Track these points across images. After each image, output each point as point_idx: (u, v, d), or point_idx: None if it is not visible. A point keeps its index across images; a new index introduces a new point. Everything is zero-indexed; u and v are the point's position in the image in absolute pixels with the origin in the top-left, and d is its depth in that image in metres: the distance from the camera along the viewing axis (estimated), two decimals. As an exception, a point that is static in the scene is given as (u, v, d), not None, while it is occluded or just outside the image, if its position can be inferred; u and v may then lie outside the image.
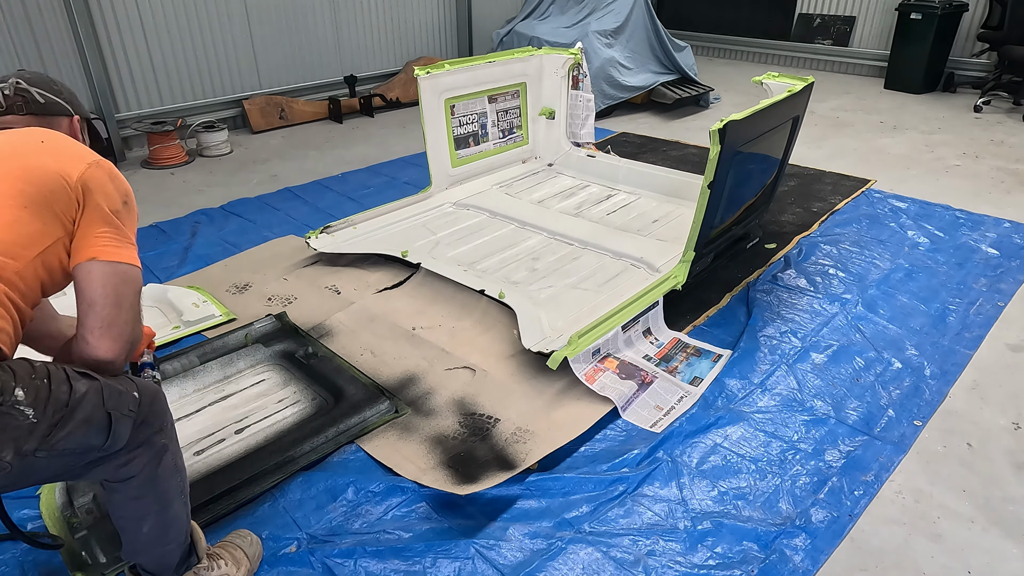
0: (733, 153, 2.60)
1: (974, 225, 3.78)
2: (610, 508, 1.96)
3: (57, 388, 1.24)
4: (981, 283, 3.19)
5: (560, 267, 3.17)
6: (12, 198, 1.32)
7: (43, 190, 1.35)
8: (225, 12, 5.47)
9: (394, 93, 6.39)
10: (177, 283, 3.25)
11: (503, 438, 2.22)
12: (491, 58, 3.93)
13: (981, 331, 2.82)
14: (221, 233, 3.79)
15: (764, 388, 2.47)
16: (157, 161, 4.92)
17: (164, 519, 1.51)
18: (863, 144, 5.24)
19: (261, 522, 1.93)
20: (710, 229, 2.77)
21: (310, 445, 2.17)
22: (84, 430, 1.27)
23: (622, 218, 3.69)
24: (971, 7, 6.58)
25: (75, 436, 1.26)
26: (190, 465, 2.10)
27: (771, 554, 1.82)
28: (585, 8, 6.52)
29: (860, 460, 2.14)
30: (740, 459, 2.15)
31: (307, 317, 2.93)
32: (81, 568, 1.77)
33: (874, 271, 3.28)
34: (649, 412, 2.36)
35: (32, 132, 1.48)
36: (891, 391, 2.46)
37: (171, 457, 1.50)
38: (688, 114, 6.13)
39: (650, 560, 1.80)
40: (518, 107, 4.22)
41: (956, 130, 5.55)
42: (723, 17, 8.48)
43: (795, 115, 3.13)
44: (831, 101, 6.43)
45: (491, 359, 2.62)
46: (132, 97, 5.17)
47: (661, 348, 2.68)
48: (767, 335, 2.76)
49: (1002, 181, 4.45)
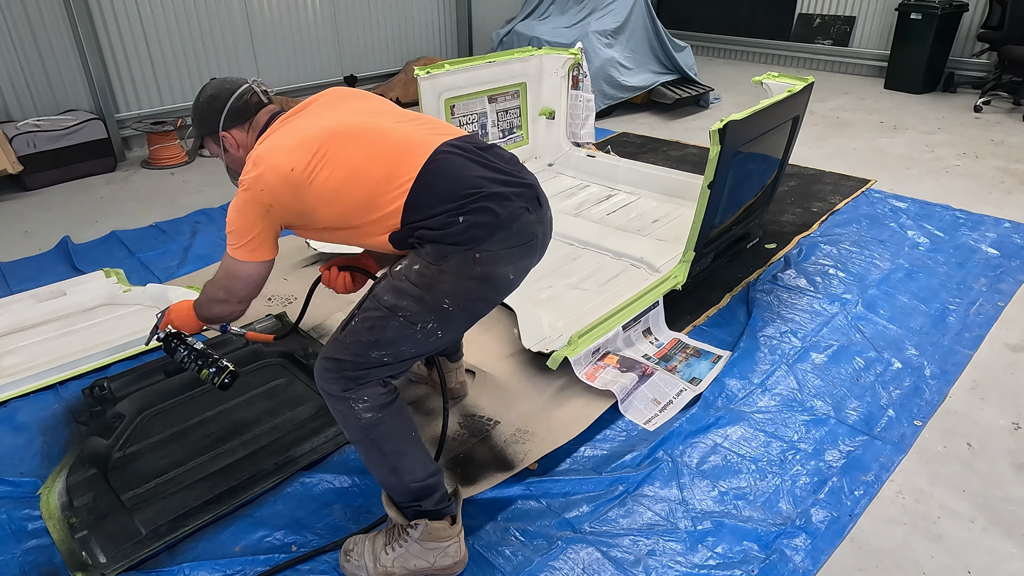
0: (733, 153, 2.60)
1: (974, 225, 3.78)
2: (610, 508, 1.96)
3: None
4: (981, 283, 3.19)
5: (560, 267, 3.17)
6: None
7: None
8: (225, 12, 5.47)
9: (394, 93, 6.39)
10: (177, 283, 3.25)
11: (503, 439, 2.22)
12: (491, 58, 3.93)
13: (981, 331, 2.82)
14: (221, 233, 3.79)
15: (764, 388, 2.47)
16: (157, 161, 4.91)
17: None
18: (863, 144, 5.24)
19: (261, 522, 1.93)
20: (710, 229, 2.77)
21: (310, 445, 2.17)
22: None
23: (622, 218, 3.69)
24: (971, 7, 6.58)
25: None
26: (193, 466, 2.10)
27: (771, 554, 1.82)
28: (585, 8, 6.52)
29: (860, 460, 2.14)
30: (740, 459, 2.15)
31: (307, 317, 2.93)
32: (81, 568, 1.77)
33: (874, 271, 3.28)
34: (646, 406, 2.36)
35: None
36: (891, 391, 2.46)
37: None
38: (688, 114, 6.13)
39: (650, 560, 1.80)
40: (518, 107, 4.22)
41: (956, 130, 5.55)
42: (723, 17, 8.48)
43: (795, 115, 3.13)
44: (831, 101, 6.43)
45: (491, 359, 2.62)
46: (132, 97, 5.17)
47: (661, 348, 2.68)
48: (767, 335, 2.76)
49: (1002, 181, 4.45)
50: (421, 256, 1.55)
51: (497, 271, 1.56)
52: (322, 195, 1.54)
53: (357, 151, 1.55)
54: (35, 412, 2.40)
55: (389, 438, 1.63)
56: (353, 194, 1.55)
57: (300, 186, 1.53)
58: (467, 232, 1.51)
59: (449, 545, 1.71)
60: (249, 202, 1.55)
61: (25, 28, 4.54)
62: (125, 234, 3.78)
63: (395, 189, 1.53)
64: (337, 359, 1.59)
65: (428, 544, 1.70)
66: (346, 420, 1.62)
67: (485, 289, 1.58)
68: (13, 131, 4.33)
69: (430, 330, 1.57)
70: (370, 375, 1.60)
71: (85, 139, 4.62)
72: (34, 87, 4.69)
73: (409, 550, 1.70)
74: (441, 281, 1.53)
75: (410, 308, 1.55)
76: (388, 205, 1.54)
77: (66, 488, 2.01)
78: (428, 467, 1.70)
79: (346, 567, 1.76)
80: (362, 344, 1.57)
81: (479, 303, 1.62)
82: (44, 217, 4.06)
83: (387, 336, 1.56)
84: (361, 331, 1.58)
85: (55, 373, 2.57)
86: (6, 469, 2.14)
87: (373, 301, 1.60)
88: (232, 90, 1.72)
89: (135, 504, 1.95)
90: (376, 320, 1.57)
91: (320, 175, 1.52)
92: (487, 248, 1.53)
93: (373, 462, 1.67)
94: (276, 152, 1.55)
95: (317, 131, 1.57)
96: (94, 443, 2.16)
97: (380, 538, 1.75)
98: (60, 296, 3.08)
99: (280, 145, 1.57)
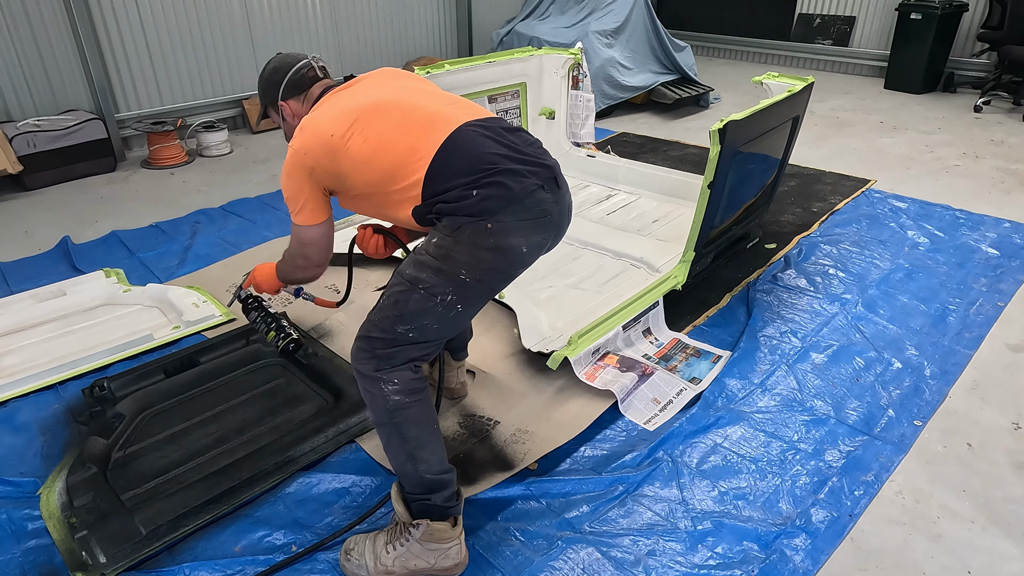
0: (733, 153, 2.60)
1: (974, 225, 3.78)
2: (610, 508, 1.96)
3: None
4: (981, 283, 3.19)
5: (560, 267, 3.17)
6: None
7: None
8: (225, 12, 5.47)
9: (394, 93, 6.38)
10: (177, 283, 3.25)
11: (503, 439, 2.22)
12: (491, 58, 3.93)
13: (981, 331, 2.82)
14: (221, 233, 3.79)
15: (764, 388, 2.47)
16: (157, 161, 4.91)
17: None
18: (863, 144, 5.24)
19: (261, 522, 1.93)
20: (710, 229, 2.77)
21: (310, 445, 2.17)
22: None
23: (622, 218, 3.69)
24: (971, 7, 6.57)
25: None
26: (193, 466, 2.10)
27: (771, 554, 1.82)
28: (585, 8, 6.52)
29: (860, 460, 2.14)
30: (740, 459, 2.15)
31: (307, 317, 2.93)
32: (81, 568, 1.77)
33: (874, 271, 3.28)
34: (646, 406, 2.36)
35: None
36: (891, 391, 2.46)
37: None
38: (688, 114, 6.13)
39: (650, 560, 1.80)
40: (518, 107, 4.22)
41: (956, 130, 5.55)
42: (723, 17, 8.47)
43: (795, 115, 3.13)
44: (831, 101, 6.43)
45: (491, 359, 2.62)
46: (132, 97, 5.17)
47: (661, 348, 2.68)
48: (767, 335, 2.76)
49: (1002, 181, 4.45)
50: (439, 230, 1.64)
51: (510, 242, 1.62)
52: (356, 161, 1.65)
53: (388, 123, 1.66)
54: (35, 412, 2.40)
55: (412, 424, 1.67)
56: (381, 163, 1.65)
57: (337, 151, 1.64)
58: (480, 204, 1.59)
59: (450, 547, 1.72)
60: (295, 166, 1.68)
61: (25, 28, 4.54)
62: (125, 234, 3.78)
63: (417, 161, 1.63)
64: (368, 337, 1.68)
65: (429, 545, 1.70)
66: (374, 401, 1.67)
67: (499, 260, 1.64)
68: (13, 131, 4.33)
69: (450, 303, 1.63)
70: (399, 354, 1.66)
71: (85, 139, 4.62)
72: (34, 87, 4.69)
73: (410, 550, 1.71)
74: (457, 251, 1.60)
75: (430, 279, 1.62)
76: (410, 176, 1.64)
77: (66, 488, 2.01)
78: (444, 463, 1.73)
79: (346, 566, 1.76)
80: (388, 319, 1.65)
81: (494, 275, 1.68)
82: (44, 217, 4.06)
83: (410, 309, 1.63)
84: (387, 307, 1.67)
85: (55, 373, 2.57)
86: (6, 469, 2.14)
87: (397, 277, 1.69)
88: (292, 64, 1.87)
89: (135, 504, 1.95)
90: (399, 294, 1.65)
91: (354, 142, 1.64)
92: (500, 219, 1.60)
93: (393, 447, 1.70)
94: (320, 119, 1.69)
95: (359, 103, 1.71)
96: (94, 443, 2.16)
97: (381, 537, 1.75)
98: (60, 296, 3.08)
99: (324, 114, 1.71)
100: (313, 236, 1.77)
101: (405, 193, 1.67)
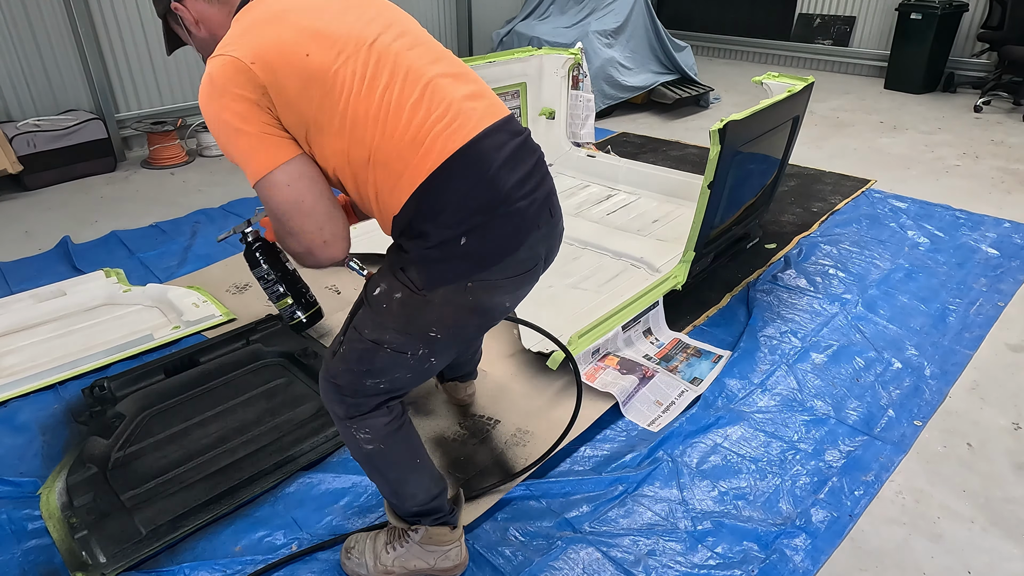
0: (733, 153, 2.60)
1: (974, 225, 3.78)
2: (610, 508, 1.96)
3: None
4: (981, 283, 3.19)
5: (560, 267, 3.17)
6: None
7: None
8: (225, 12, 5.47)
9: (394, 93, 6.38)
10: (177, 283, 3.25)
11: (503, 440, 2.22)
12: (491, 58, 3.93)
13: (981, 331, 2.82)
14: (221, 233, 3.79)
15: (764, 388, 2.47)
16: (157, 161, 4.91)
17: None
18: (863, 144, 5.24)
19: (261, 522, 1.93)
20: (710, 229, 2.77)
21: (310, 445, 2.17)
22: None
23: (622, 218, 3.69)
24: (971, 7, 6.57)
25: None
26: (193, 466, 2.10)
27: (771, 554, 1.82)
28: (585, 8, 6.52)
29: (860, 460, 2.14)
30: (740, 459, 2.15)
31: (307, 317, 2.93)
32: (81, 568, 1.77)
33: (874, 271, 3.28)
34: (648, 408, 2.36)
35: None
36: (891, 391, 2.46)
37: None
38: (688, 114, 6.13)
39: (650, 560, 1.80)
40: (518, 107, 4.22)
41: (956, 130, 5.55)
42: (723, 17, 8.47)
43: (795, 115, 3.13)
44: (831, 101, 6.43)
45: (491, 359, 2.62)
46: (132, 97, 5.17)
47: (661, 348, 2.68)
48: (767, 335, 2.76)
49: (1002, 181, 4.45)
50: (403, 282, 1.34)
51: (492, 301, 1.39)
52: (344, 114, 1.23)
53: (398, 87, 1.25)
54: (35, 412, 2.40)
55: (391, 467, 1.59)
56: (372, 139, 1.24)
57: (315, 81, 1.21)
58: (465, 257, 1.29)
59: (449, 549, 1.71)
60: (232, 77, 1.19)
61: (25, 28, 4.54)
62: (125, 234, 3.78)
63: (411, 165, 1.26)
64: (336, 384, 1.48)
65: (428, 547, 1.70)
66: (349, 443, 1.57)
67: (476, 317, 1.43)
68: (13, 131, 4.33)
69: (421, 356, 1.43)
70: (369, 401, 1.49)
71: (85, 139, 4.62)
72: (34, 87, 4.69)
73: (410, 551, 1.70)
74: (427, 312, 1.35)
75: (395, 340, 1.39)
76: (396, 176, 1.27)
77: (66, 488, 2.01)
78: (431, 490, 1.64)
79: (347, 564, 1.76)
80: (353, 373, 1.45)
81: (470, 329, 1.48)
82: (44, 217, 4.06)
83: (377, 366, 1.43)
84: (351, 360, 1.45)
85: (55, 373, 2.57)
86: (6, 469, 2.14)
87: (355, 333, 1.43)
88: None
89: (135, 504, 1.95)
90: (363, 352, 1.42)
91: (346, 85, 1.22)
92: (484, 277, 1.33)
93: (376, 482, 1.66)
94: (283, 27, 1.23)
95: (344, 29, 1.26)
96: (94, 443, 2.16)
97: (382, 537, 1.75)
98: (60, 296, 3.08)
99: (287, 20, 1.24)
100: (286, 181, 1.24)
101: (392, 189, 1.28)
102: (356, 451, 1.58)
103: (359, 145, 1.25)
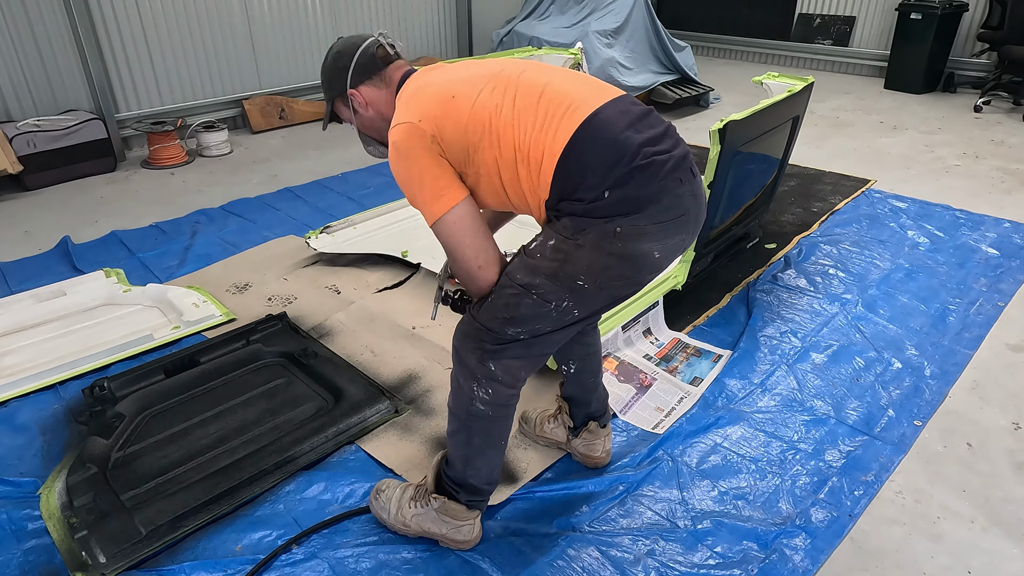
0: (733, 153, 2.60)
1: (974, 225, 3.78)
2: (610, 508, 1.96)
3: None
4: (981, 283, 3.19)
5: (560, 267, 3.16)
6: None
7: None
8: (225, 12, 5.47)
9: (394, 93, 6.38)
10: (177, 283, 3.25)
11: (503, 438, 2.22)
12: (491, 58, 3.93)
13: (981, 331, 2.82)
14: (221, 233, 3.79)
15: (764, 388, 2.47)
16: (157, 161, 4.91)
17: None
18: (863, 144, 5.24)
19: (261, 522, 1.93)
20: (710, 229, 2.77)
21: (310, 445, 2.17)
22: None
23: (622, 218, 3.68)
24: (971, 7, 6.58)
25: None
26: (193, 466, 2.10)
27: (771, 554, 1.82)
28: (585, 8, 6.52)
29: (860, 460, 2.14)
30: (740, 459, 2.15)
31: (307, 317, 2.93)
32: (81, 568, 1.77)
33: (874, 271, 3.28)
34: (650, 414, 2.36)
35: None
36: (891, 391, 2.46)
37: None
38: (688, 114, 6.13)
39: (650, 560, 1.80)
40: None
41: (956, 130, 5.55)
42: (723, 17, 8.48)
43: (795, 115, 3.13)
44: (831, 101, 6.43)
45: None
46: (132, 97, 5.17)
47: (661, 348, 2.68)
48: (767, 335, 2.76)
49: (1002, 181, 4.45)
50: (556, 230, 1.47)
51: (639, 248, 1.45)
52: (491, 130, 1.47)
53: (521, 97, 1.48)
54: (35, 412, 2.40)
55: (483, 435, 1.68)
56: (512, 140, 1.47)
57: (463, 115, 1.48)
58: (613, 207, 1.42)
59: (462, 525, 1.79)
60: (409, 140, 1.47)
61: (25, 28, 4.54)
62: (125, 234, 3.78)
63: (545, 148, 1.45)
64: (478, 327, 1.57)
65: (444, 517, 1.79)
66: (459, 396, 1.65)
67: (624, 267, 1.47)
68: (13, 131, 4.33)
69: (565, 308, 1.51)
70: (508, 351, 1.57)
71: (85, 139, 4.62)
72: (34, 87, 4.69)
73: (427, 515, 1.80)
74: (577, 256, 1.45)
75: (543, 286, 1.48)
76: (537, 163, 1.46)
77: (66, 488, 2.01)
78: (493, 476, 1.78)
79: (374, 504, 1.90)
80: (498, 320, 1.54)
81: (618, 282, 1.51)
82: (44, 217, 4.06)
83: (521, 314, 1.51)
84: (496, 307, 1.54)
85: (55, 373, 2.57)
86: (6, 469, 2.14)
87: (506, 279, 1.54)
88: (358, 44, 1.65)
89: (135, 504, 1.95)
90: (510, 297, 1.52)
91: (486, 108, 1.48)
92: (632, 222, 1.42)
93: (455, 440, 1.72)
94: (433, 86, 1.53)
95: (480, 73, 1.54)
96: (94, 443, 2.16)
97: (409, 491, 1.85)
98: (60, 296, 3.08)
99: (434, 81, 1.54)
100: (459, 223, 1.50)
101: (535, 181, 1.48)
102: (463, 408, 1.65)
103: (507, 148, 1.48)
